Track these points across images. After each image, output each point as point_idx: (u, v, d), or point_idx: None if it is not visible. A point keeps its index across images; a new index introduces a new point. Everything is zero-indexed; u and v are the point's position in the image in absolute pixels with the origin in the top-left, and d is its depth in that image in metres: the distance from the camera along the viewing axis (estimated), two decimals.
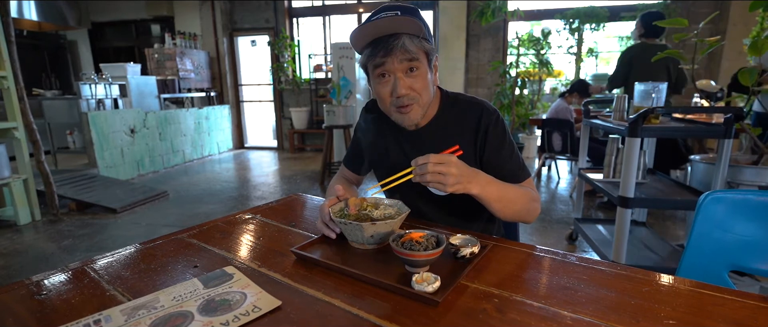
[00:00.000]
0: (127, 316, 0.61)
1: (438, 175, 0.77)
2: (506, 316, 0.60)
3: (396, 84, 0.90)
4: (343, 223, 0.82)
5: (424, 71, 0.92)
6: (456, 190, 0.80)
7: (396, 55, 0.87)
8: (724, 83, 3.96)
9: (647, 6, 4.90)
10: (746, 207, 0.93)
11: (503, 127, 1.00)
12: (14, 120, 3.12)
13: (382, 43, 0.87)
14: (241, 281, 0.72)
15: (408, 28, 0.87)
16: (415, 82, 0.91)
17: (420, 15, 0.90)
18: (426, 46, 0.90)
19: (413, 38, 0.87)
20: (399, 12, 0.86)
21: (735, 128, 1.81)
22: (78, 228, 3.10)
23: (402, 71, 0.90)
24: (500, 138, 0.99)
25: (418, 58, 0.89)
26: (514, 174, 0.98)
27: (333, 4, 6.43)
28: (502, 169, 0.98)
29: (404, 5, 0.89)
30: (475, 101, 1.03)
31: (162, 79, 5.92)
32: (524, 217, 0.95)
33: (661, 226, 2.95)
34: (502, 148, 0.99)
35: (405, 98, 0.92)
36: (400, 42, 0.86)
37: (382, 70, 0.91)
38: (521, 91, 5.23)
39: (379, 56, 0.88)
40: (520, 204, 0.92)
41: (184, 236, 0.96)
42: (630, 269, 0.74)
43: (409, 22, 0.85)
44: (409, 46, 0.87)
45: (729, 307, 0.61)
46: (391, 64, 0.89)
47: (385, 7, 0.89)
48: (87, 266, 0.80)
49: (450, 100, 1.05)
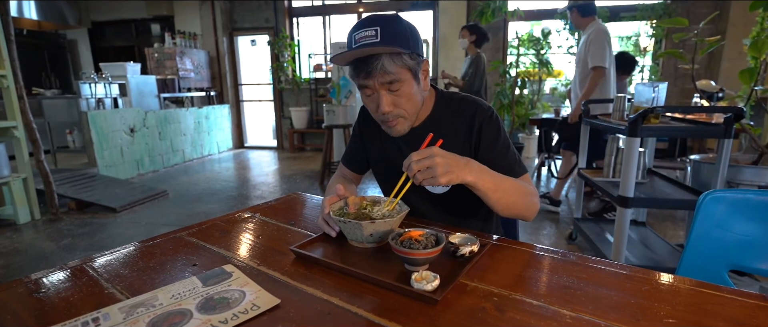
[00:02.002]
0: (125, 314, 0.61)
1: (426, 170, 0.77)
2: (505, 315, 0.60)
3: (380, 101, 0.91)
4: (342, 221, 0.82)
5: (407, 87, 0.91)
6: (450, 180, 0.78)
7: (376, 77, 0.87)
8: (724, 83, 3.96)
9: (648, 6, 4.90)
10: (746, 206, 0.93)
11: (498, 123, 0.99)
12: (14, 119, 3.11)
13: (363, 64, 0.87)
14: (239, 279, 0.72)
15: (388, 50, 0.86)
16: (399, 99, 0.91)
17: (402, 27, 0.88)
18: (408, 62, 0.88)
19: (394, 57, 0.86)
20: (378, 31, 0.85)
21: (735, 128, 1.81)
22: (77, 227, 3.10)
23: (385, 89, 0.90)
24: (494, 134, 0.98)
25: (400, 77, 0.88)
26: (510, 169, 0.97)
27: (333, 3, 6.43)
28: (496, 164, 0.96)
29: (385, 17, 0.87)
30: (469, 99, 1.03)
31: (162, 79, 5.92)
32: (522, 211, 0.93)
33: (661, 227, 2.95)
34: (496, 144, 0.98)
35: (389, 115, 0.93)
36: (380, 64, 0.85)
37: (366, 89, 0.92)
38: (521, 91, 5.22)
39: (361, 77, 0.89)
40: (517, 195, 0.90)
41: (183, 235, 0.95)
42: (630, 268, 0.74)
43: (388, 48, 0.85)
44: (388, 68, 0.86)
45: (729, 306, 0.61)
46: (373, 84, 0.89)
47: (366, 23, 0.87)
48: (86, 264, 0.80)
49: (445, 99, 1.05)
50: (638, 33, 5.41)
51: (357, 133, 1.18)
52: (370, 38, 0.85)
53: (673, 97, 5.14)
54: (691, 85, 4.91)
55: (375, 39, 0.85)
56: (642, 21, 5.04)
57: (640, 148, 2.00)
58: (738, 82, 2.31)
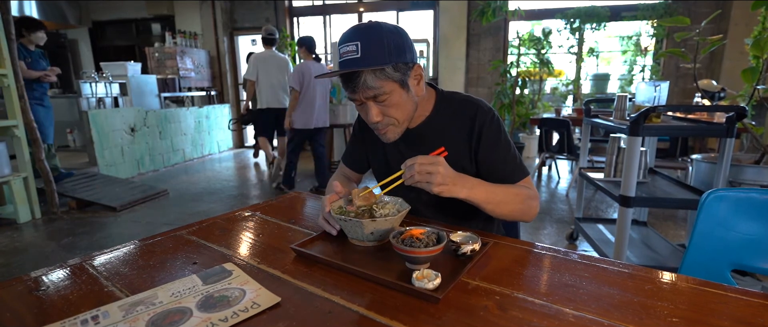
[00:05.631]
0: (124, 312, 0.61)
1: (426, 174, 0.79)
2: (508, 313, 0.60)
3: (368, 112, 0.91)
4: (343, 219, 0.81)
5: (395, 97, 0.90)
6: (441, 191, 0.80)
7: (361, 92, 0.88)
8: (725, 83, 3.95)
9: (649, 6, 4.89)
10: (749, 205, 0.93)
11: (498, 125, 0.98)
12: (14, 118, 3.11)
13: (347, 80, 0.88)
14: (240, 278, 0.71)
15: (369, 68, 0.85)
16: (387, 109, 0.91)
17: (383, 39, 0.86)
18: (392, 74, 0.87)
19: (376, 72, 0.86)
20: (359, 47, 0.84)
21: (737, 127, 1.80)
22: (77, 226, 3.10)
23: (371, 101, 0.90)
24: (495, 137, 0.97)
25: (384, 90, 0.88)
26: (510, 173, 0.97)
27: (333, 3, 6.42)
28: (497, 168, 0.97)
29: (366, 30, 0.86)
30: (470, 101, 1.01)
31: (162, 78, 5.92)
32: (520, 216, 0.95)
33: (662, 226, 2.95)
34: (497, 147, 0.97)
35: (378, 124, 0.93)
36: (362, 80, 0.86)
37: (355, 101, 0.93)
38: (522, 91, 5.22)
39: (348, 91, 0.91)
40: (514, 204, 0.92)
41: (183, 233, 0.95)
42: (632, 267, 0.73)
43: (367, 68, 0.85)
44: (371, 84, 0.86)
45: (733, 305, 0.61)
46: (359, 97, 0.90)
47: (349, 36, 0.87)
48: (85, 262, 0.80)
49: (445, 100, 1.04)
50: (639, 33, 5.40)
51: (357, 133, 1.18)
52: (352, 54, 0.85)
53: (674, 97, 5.13)
54: (692, 84, 4.91)
55: (356, 54, 0.85)
56: (643, 21, 5.03)
57: (641, 147, 1.99)
58: (739, 82, 2.30)
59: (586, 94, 5.39)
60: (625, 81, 5.45)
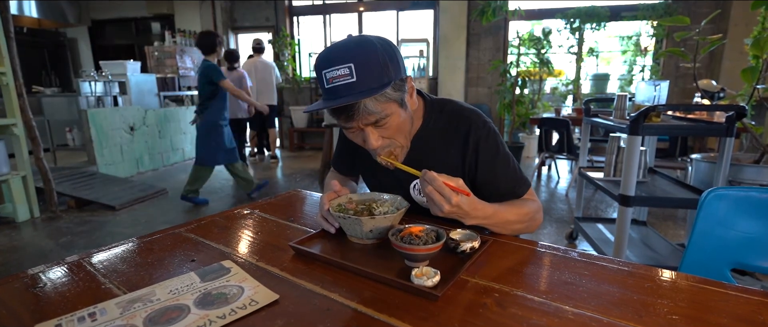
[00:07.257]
0: (122, 309, 0.60)
1: (439, 195, 0.73)
2: (507, 311, 0.59)
3: (367, 138, 0.83)
4: (342, 217, 0.81)
5: (395, 118, 0.82)
6: (446, 214, 0.75)
7: (358, 120, 0.80)
8: (725, 83, 3.96)
9: (649, 6, 4.89)
10: (749, 204, 0.93)
11: (495, 140, 0.93)
12: (13, 117, 3.11)
13: (343, 108, 0.78)
14: (238, 275, 0.71)
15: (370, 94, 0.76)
16: (387, 131, 0.84)
17: (377, 54, 0.77)
18: (393, 95, 0.79)
19: (378, 95, 0.77)
20: (353, 69, 0.74)
21: (736, 127, 1.80)
22: (76, 225, 3.09)
23: (370, 126, 0.82)
24: (493, 154, 0.93)
25: (386, 113, 0.80)
26: (513, 188, 0.94)
27: (333, 2, 6.42)
28: (498, 186, 0.93)
29: (356, 49, 0.77)
30: (463, 114, 0.95)
31: (162, 77, 5.92)
32: (524, 231, 0.93)
33: (662, 226, 2.95)
34: (496, 165, 0.93)
35: (380, 149, 0.86)
36: (361, 106, 0.77)
37: (349, 129, 0.85)
38: (522, 91, 5.22)
39: (341, 120, 0.81)
40: (513, 223, 0.88)
41: (181, 231, 0.95)
42: (632, 265, 0.73)
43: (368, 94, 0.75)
44: (372, 109, 0.78)
45: (732, 303, 0.60)
46: (357, 125, 0.82)
47: (337, 58, 0.76)
48: (83, 260, 0.79)
49: (435, 110, 0.97)
50: (639, 33, 5.40)
51: (343, 136, 1.06)
52: (345, 78, 0.75)
53: (674, 97, 5.13)
54: (692, 84, 4.91)
55: (350, 78, 0.75)
56: (643, 21, 5.03)
57: (641, 146, 1.99)
58: (739, 82, 2.30)
59: (586, 94, 5.39)
60: (625, 81, 5.45)
